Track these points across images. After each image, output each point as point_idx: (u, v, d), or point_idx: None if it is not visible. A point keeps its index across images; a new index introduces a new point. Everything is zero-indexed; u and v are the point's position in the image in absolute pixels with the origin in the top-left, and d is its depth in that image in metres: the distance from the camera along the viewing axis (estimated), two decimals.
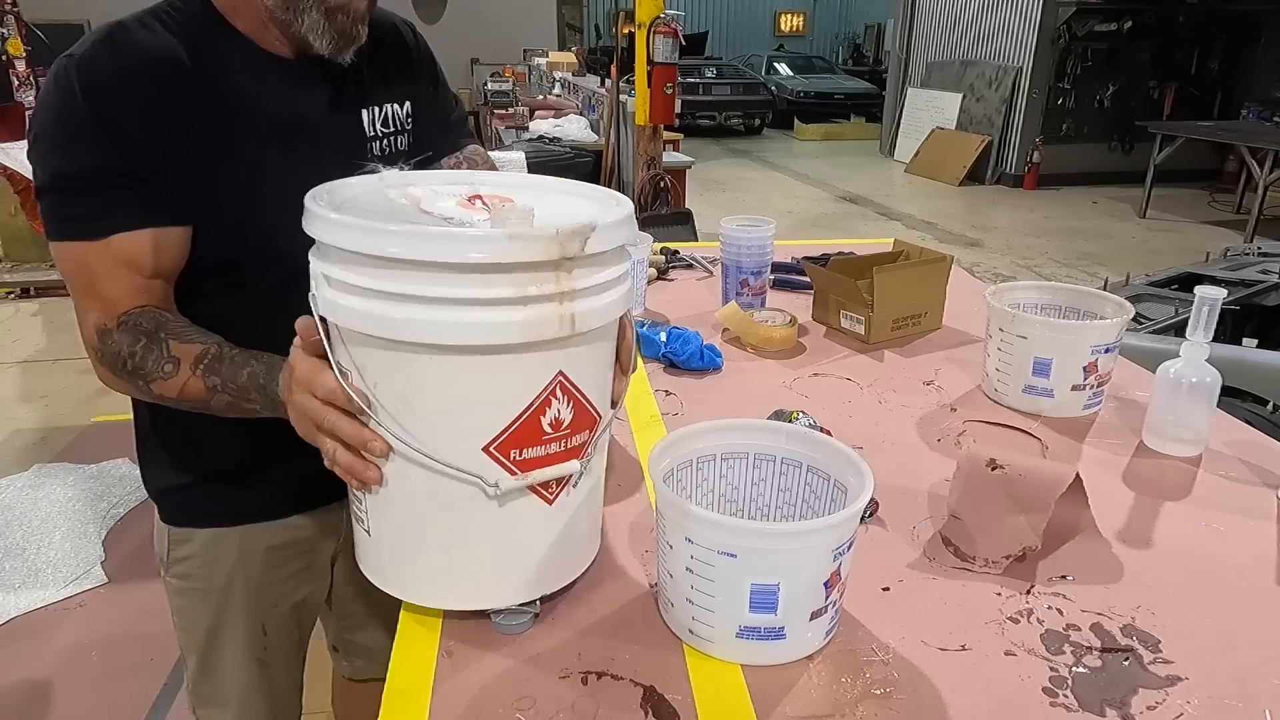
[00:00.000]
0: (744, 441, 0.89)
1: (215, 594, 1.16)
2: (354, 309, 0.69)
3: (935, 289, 1.62)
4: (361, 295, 0.68)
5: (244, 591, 1.17)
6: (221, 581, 1.15)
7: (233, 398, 0.87)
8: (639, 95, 5.13)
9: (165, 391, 0.89)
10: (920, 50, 11.95)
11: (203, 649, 1.19)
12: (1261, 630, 0.83)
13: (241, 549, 1.15)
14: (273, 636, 1.22)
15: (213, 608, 1.17)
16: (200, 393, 0.88)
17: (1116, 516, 1.02)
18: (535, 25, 10.75)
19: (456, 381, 0.71)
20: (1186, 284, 3.24)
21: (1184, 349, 1.12)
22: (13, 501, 2.94)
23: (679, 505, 0.74)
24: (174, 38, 0.92)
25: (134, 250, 0.90)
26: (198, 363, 0.88)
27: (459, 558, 0.79)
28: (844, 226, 8.14)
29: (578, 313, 0.70)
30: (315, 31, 0.96)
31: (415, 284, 0.66)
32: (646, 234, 1.63)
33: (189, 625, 1.19)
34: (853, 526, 0.75)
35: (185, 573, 1.16)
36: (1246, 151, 7.87)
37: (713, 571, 0.73)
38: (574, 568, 0.85)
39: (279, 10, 0.95)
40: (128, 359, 0.89)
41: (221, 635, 1.18)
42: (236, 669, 1.20)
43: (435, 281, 0.66)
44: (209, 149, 0.93)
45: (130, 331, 0.90)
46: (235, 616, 1.18)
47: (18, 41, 5.04)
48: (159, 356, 0.88)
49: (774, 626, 0.75)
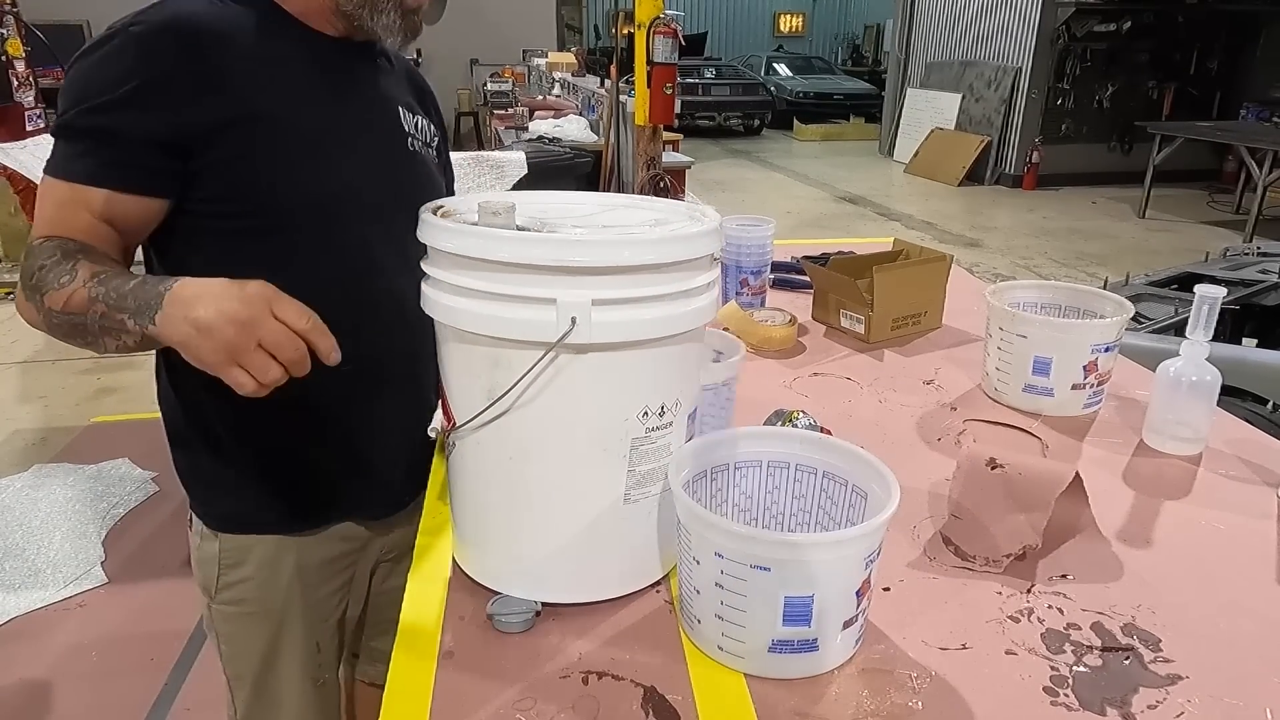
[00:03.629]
0: (757, 449, 0.88)
1: (273, 615, 1.13)
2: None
3: (935, 288, 1.62)
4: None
5: (301, 610, 1.14)
6: (280, 602, 1.13)
7: (108, 308, 0.82)
8: (639, 95, 5.12)
9: (52, 303, 0.84)
10: (919, 50, 11.95)
11: (258, 674, 1.16)
12: (1261, 630, 0.82)
13: (299, 563, 1.12)
14: (326, 654, 1.20)
15: (270, 630, 1.14)
16: (81, 303, 0.83)
17: (1116, 516, 1.02)
18: (535, 25, 10.75)
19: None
20: (1186, 284, 3.24)
21: (1184, 348, 1.12)
22: (12, 502, 2.94)
23: (708, 520, 0.72)
24: (231, 14, 0.95)
25: (88, 198, 0.89)
26: (93, 275, 0.84)
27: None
28: (844, 226, 8.14)
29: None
30: (390, 29, 1.01)
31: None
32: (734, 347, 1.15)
33: (241, 652, 1.16)
34: (883, 533, 0.74)
35: (240, 597, 1.13)
36: (1245, 151, 7.87)
37: (745, 586, 0.72)
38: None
39: (351, 7, 0.98)
40: (35, 272, 0.86)
41: (280, 658, 1.15)
42: (293, 691, 1.18)
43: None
44: (242, 133, 0.93)
45: (51, 249, 0.87)
46: (293, 637, 1.15)
47: (17, 42, 5.03)
48: (62, 270, 0.85)
49: (807, 639, 0.74)
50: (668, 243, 0.75)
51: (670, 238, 0.76)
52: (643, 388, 0.79)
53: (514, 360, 0.75)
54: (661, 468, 0.82)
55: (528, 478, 0.80)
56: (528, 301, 0.72)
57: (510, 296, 0.72)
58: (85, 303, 0.83)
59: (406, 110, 1.11)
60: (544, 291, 0.72)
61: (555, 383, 0.75)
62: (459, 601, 0.86)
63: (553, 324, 0.72)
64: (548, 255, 0.71)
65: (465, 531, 0.89)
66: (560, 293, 0.71)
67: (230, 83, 0.92)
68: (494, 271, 0.72)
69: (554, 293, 0.71)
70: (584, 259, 0.71)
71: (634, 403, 0.78)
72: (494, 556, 0.87)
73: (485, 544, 0.87)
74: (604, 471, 0.80)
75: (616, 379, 0.77)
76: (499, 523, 0.84)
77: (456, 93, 9.93)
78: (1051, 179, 9.90)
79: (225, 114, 0.91)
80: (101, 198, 0.89)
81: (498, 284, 0.73)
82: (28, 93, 5.10)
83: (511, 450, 0.79)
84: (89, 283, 0.83)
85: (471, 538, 0.88)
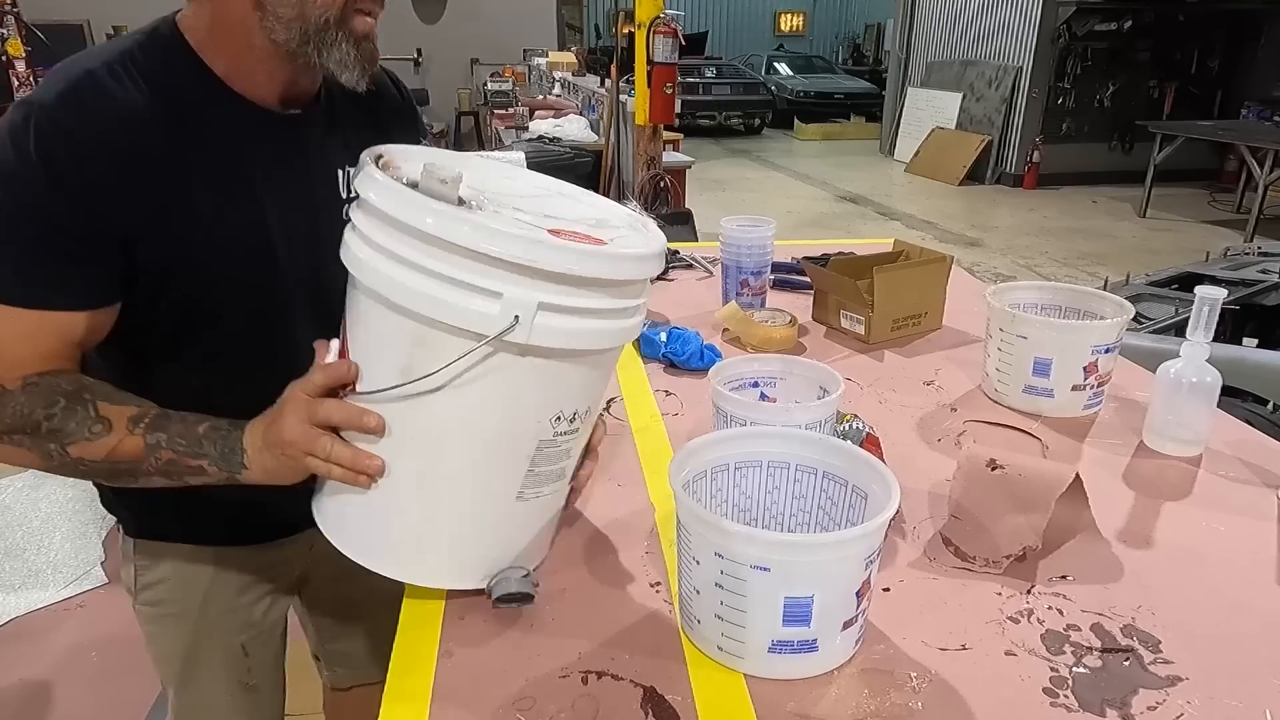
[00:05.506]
0: (757, 449, 0.88)
1: (190, 617, 1.11)
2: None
3: (935, 289, 1.62)
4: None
5: (221, 613, 1.12)
6: (197, 604, 1.10)
7: (176, 454, 0.81)
8: (639, 95, 5.12)
9: (88, 454, 0.81)
10: (920, 50, 11.95)
11: (181, 677, 1.14)
12: (1261, 630, 0.83)
13: (217, 569, 1.10)
14: (255, 657, 1.17)
15: (189, 632, 1.12)
16: (136, 452, 0.81)
17: (1116, 516, 1.02)
18: (535, 25, 10.73)
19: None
20: (1186, 284, 3.24)
21: (1184, 349, 1.12)
22: (13, 502, 2.94)
23: (708, 520, 0.72)
24: (148, 90, 0.83)
25: (68, 325, 0.82)
26: (135, 422, 0.81)
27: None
28: (844, 226, 8.14)
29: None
30: (345, 64, 0.88)
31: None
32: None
33: (163, 652, 1.14)
34: (883, 533, 0.74)
35: (157, 598, 1.11)
36: (1246, 151, 7.87)
37: (745, 586, 0.72)
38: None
39: (294, 45, 0.85)
40: (42, 421, 0.80)
41: (200, 660, 1.13)
42: (219, 693, 1.15)
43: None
44: (183, 208, 0.85)
45: (42, 393, 0.80)
46: (213, 640, 1.13)
47: (18, 42, 5.04)
48: (85, 417, 0.80)
49: (807, 639, 0.74)
50: (624, 260, 0.73)
51: (628, 255, 0.74)
52: (562, 395, 0.77)
53: (440, 344, 0.70)
54: (560, 469, 0.82)
55: (420, 460, 0.77)
56: (469, 289, 0.68)
57: (450, 279, 0.68)
58: (141, 451, 0.81)
59: (352, 168, 0.95)
60: (489, 283, 0.68)
61: (479, 376, 0.72)
62: (459, 601, 0.86)
63: (493, 318, 0.68)
64: (504, 248, 0.67)
65: (339, 492, 0.82)
66: (507, 289, 0.68)
67: (159, 177, 0.83)
68: (436, 248, 0.68)
69: (500, 287, 0.68)
70: (540, 260, 0.68)
71: (552, 407, 0.77)
72: (362, 525, 0.82)
73: (355, 512, 0.81)
74: (502, 468, 0.79)
75: (541, 382, 0.75)
76: (378, 495, 0.79)
77: (457, 92, 9.92)
78: (1052, 178, 9.89)
79: (145, 214, 0.83)
80: (83, 321, 0.83)
81: (438, 262, 0.68)
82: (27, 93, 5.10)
83: (412, 431, 0.76)
84: (135, 430, 0.81)
85: (344, 501, 0.82)
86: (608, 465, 1.13)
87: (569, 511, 1.02)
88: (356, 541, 0.82)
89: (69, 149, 0.78)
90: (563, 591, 0.88)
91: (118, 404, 0.83)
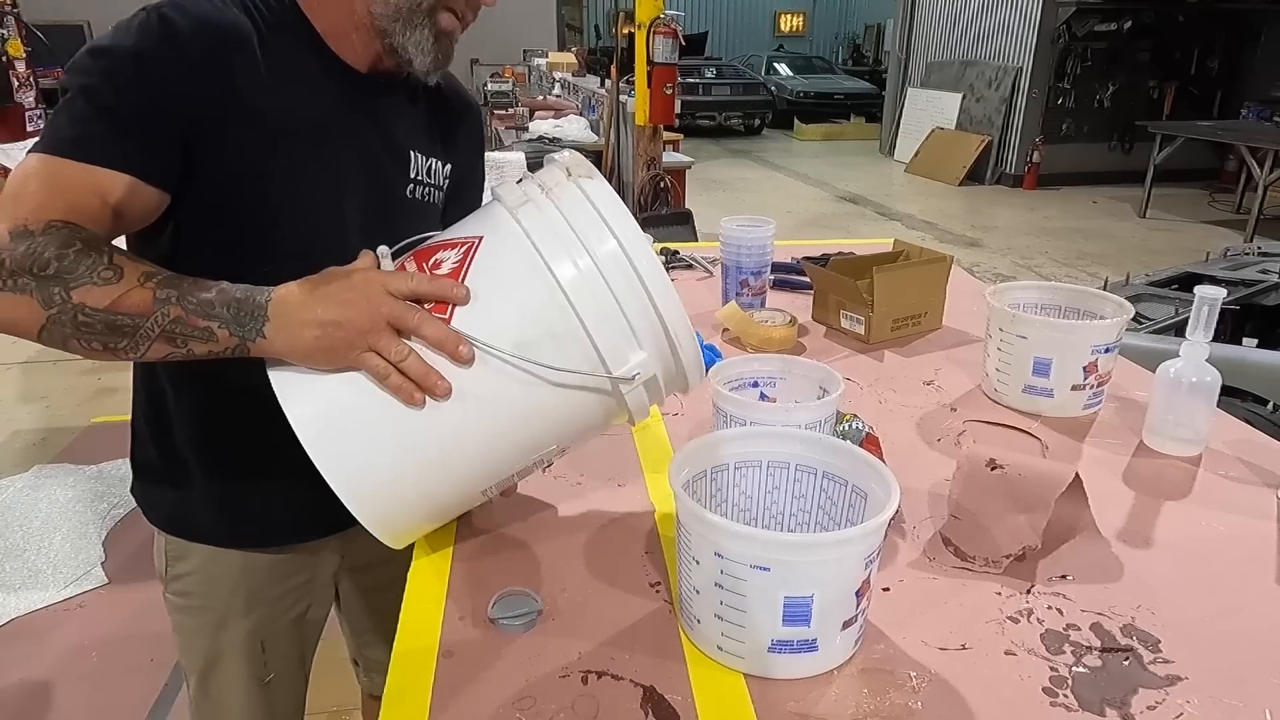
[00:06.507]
0: (757, 449, 0.88)
1: (215, 612, 1.13)
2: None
3: (935, 289, 1.62)
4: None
5: (245, 610, 1.13)
6: (223, 599, 1.12)
7: (184, 311, 0.76)
8: (639, 95, 5.13)
9: (90, 300, 0.75)
10: (920, 50, 11.95)
11: (201, 669, 1.16)
12: (1261, 630, 0.82)
13: (245, 564, 1.11)
14: (271, 653, 1.18)
15: (213, 626, 1.14)
16: (142, 304, 0.76)
17: (1116, 516, 1.02)
18: (535, 25, 10.75)
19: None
20: (1186, 284, 3.24)
21: (1184, 349, 1.12)
22: (13, 502, 2.94)
23: (707, 519, 0.72)
24: (255, 16, 0.91)
25: (108, 184, 0.82)
26: (149, 276, 0.77)
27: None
28: (844, 226, 8.14)
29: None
30: (420, 49, 0.95)
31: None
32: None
33: (188, 643, 1.16)
34: (883, 533, 0.74)
35: (185, 590, 1.13)
36: (1246, 151, 7.87)
37: (744, 586, 0.72)
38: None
39: (385, 21, 0.93)
40: (53, 260, 0.75)
41: (222, 655, 1.15)
42: (236, 690, 1.17)
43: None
44: (247, 140, 0.89)
45: (62, 236, 0.76)
46: (236, 636, 1.14)
47: (18, 42, 5.03)
48: (96, 262, 0.76)
49: (807, 639, 0.74)
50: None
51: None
52: (579, 434, 0.85)
53: (572, 350, 0.76)
54: (512, 481, 0.87)
55: (461, 421, 0.76)
56: (634, 332, 0.77)
57: (631, 312, 0.76)
58: (148, 303, 0.76)
59: (419, 153, 1.06)
60: (645, 338, 0.77)
61: (568, 391, 0.77)
62: (459, 601, 0.86)
63: (629, 364, 0.77)
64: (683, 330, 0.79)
65: (354, 396, 0.77)
66: (649, 350, 0.78)
67: (246, 84, 0.88)
68: (641, 287, 0.76)
69: (650, 347, 0.78)
70: (685, 354, 0.81)
71: (569, 438, 0.84)
72: (352, 443, 0.77)
73: (353, 428, 0.78)
74: (505, 464, 0.82)
75: (583, 421, 0.82)
76: (393, 427, 0.76)
77: None
78: (1052, 178, 9.90)
79: (232, 112, 0.87)
80: (124, 185, 0.82)
81: (634, 299, 0.76)
82: (28, 93, 5.10)
83: (479, 393, 0.76)
84: (146, 282, 0.76)
85: (349, 410, 0.77)
86: (608, 465, 1.13)
87: (569, 511, 1.02)
88: (333, 452, 0.76)
89: (164, 33, 0.84)
90: (563, 591, 0.88)
91: (134, 260, 0.79)
